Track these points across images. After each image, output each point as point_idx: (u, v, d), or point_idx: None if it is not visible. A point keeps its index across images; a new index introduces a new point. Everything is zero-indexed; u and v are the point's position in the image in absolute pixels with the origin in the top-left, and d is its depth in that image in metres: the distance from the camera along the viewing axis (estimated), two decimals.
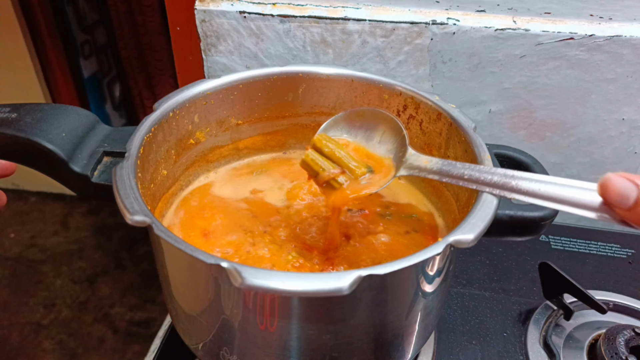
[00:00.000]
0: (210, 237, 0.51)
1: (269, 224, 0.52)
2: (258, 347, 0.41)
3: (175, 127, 0.52)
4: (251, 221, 0.52)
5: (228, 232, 0.51)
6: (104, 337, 1.53)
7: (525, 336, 0.58)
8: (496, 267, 0.68)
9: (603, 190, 0.31)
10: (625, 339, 0.53)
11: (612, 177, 0.31)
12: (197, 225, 0.52)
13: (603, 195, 0.31)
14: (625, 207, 0.30)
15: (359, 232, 0.52)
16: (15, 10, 1.64)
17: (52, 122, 0.45)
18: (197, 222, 0.53)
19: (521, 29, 0.65)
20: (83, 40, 1.88)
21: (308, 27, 0.69)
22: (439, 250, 0.36)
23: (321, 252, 0.49)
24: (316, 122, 0.62)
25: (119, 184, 0.40)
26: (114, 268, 1.76)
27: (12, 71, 1.75)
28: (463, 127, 0.49)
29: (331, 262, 0.48)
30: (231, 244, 0.49)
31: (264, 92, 0.58)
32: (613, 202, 0.31)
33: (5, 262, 1.76)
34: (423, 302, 0.42)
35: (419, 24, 0.66)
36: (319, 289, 0.32)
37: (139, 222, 0.37)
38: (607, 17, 0.65)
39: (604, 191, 0.31)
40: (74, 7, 1.82)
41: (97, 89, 2.01)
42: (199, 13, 0.70)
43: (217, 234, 0.51)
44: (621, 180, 0.31)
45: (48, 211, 1.99)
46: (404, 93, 0.55)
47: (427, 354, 0.56)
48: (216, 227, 0.51)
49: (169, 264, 0.42)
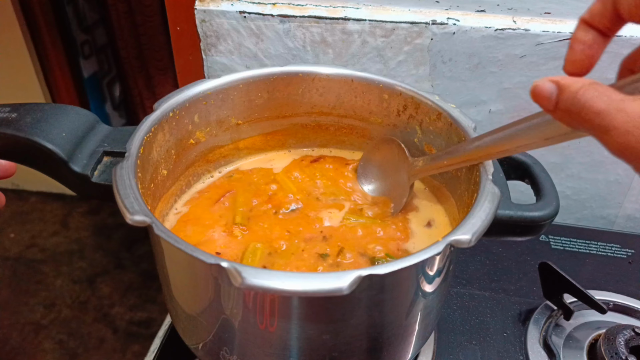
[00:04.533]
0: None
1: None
2: (258, 347, 0.41)
3: (175, 127, 0.52)
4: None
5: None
6: (104, 337, 1.53)
7: (525, 336, 0.58)
8: (496, 267, 0.68)
9: (534, 95, 0.32)
10: (625, 339, 0.53)
11: (538, 82, 0.32)
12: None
13: (535, 100, 0.32)
14: (551, 107, 0.31)
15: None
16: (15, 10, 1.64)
17: (52, 122, 0.45)
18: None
19: (521, 29, 0.65)
20: (83, 40, 1.88)
21: (308, 27, 0.69)
22: (439, 250, 0.36)
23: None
24: (316, 122, 0.62)
25: (119, 184, 0.40)
26: (114, 268, 1.76)
27: (12, 71, 1.75)
28: (463, 127, 0.49)
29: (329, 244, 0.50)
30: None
31: (264, 92, 0.58)
32: (541, 104, 0.32)
33: (5, 262, 1.76)
34: (423, 302, 0.42)
35: (419, 24, 0.66)
36: (319, 288, 0.32)
37: (139, 222, 0.37)
38: None
39: (535, 96, 0.32)
40: (74, 7, 1.82)
41: (97, 88, 2.01)
42: (199, 13, 0.70)
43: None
44: (546, 82, 0.32)
45: (48, 211, 1.99)
46: (404, 93, 0.55)
47: (427, 354, 0.56)
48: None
49: (169, 264, 0.42)
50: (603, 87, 0.29)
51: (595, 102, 0.29)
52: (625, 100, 0.27)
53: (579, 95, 0.29)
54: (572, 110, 0.30)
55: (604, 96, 0.28)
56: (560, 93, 0.31)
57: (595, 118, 0.28)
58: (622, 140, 0.27)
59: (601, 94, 0.29)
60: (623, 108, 0.27)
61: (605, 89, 0.29)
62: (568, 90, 0.30)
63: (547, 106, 0.32)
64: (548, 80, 0.32)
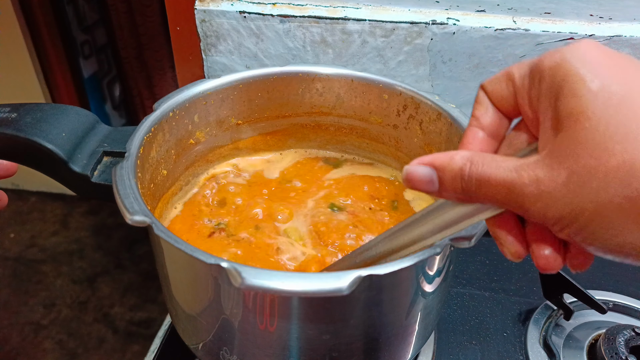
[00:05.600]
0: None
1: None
2: (258, 347, 0.41)
3: (175, 127, 0.52)
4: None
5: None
6: (104, 337, 1.53)
7: (525, 336, 0.58)
8: (496, 267, 0.68)
9: (410, 184, 0.30)
10: (625, 339, 0.53)
11: (409, 167, 0.30)
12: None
13: (413, 189, 0.30)
14: (435, 190, 0.29)
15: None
16: (15, 10, 1.64)
17: (52, 122, 0.45)
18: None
19: (521, 29, 0.65)
20: (83, 40, 1.88)
21: (308, 27, 0.69)
22: (439, 250, 0.36)
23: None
24: (316, 122, 0.62)
25: (119, 184, 0.40)
26: (114, 268, 1.76)
27: (12, 71, 1.75)
28: (463, 127, 0.49)
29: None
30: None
31: (263, 92, 0.58)
32: (424, 191, 0.30)
33: (5, 262, 1.76)
34: (423, 302, 0.42)
35: (419, 24, 0.66)
36: (319, 289, 0.32)
37: (138, 222, 0.37)
38: (607, 17, 0.65)
39: (412, 185, 0.30)
40: (74, 7, 1.82)
41: (97, 88, 2.01)
42: (199, 13, 0.70)
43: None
44: (419, 168, 0.29)
45: (48, 211, 1.99)
46: (404, 93, 0.55)
47: (427, 354, 0.56)
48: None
49: (169, 264, 0.42)
50: (487, 156, 0.27)
51: (491, 174, 0.26)
52: (522, 163, 0.26)
53: (469, 172, 0.27)
54: (467, 188, 0.28)
55: (495, 165, 0.26)
56: (442, 174, 0.29)
57: (499, 191, 0.26)
58: (540, 206, 0.25)
59: (490, 163, 0.27)
60: (524, 173, 0.25)
61: (491, 158, 0.27)
62: (449, 169, 0.28)
63: (432, 190, 0.29)
64: (419, 164, 0.29)
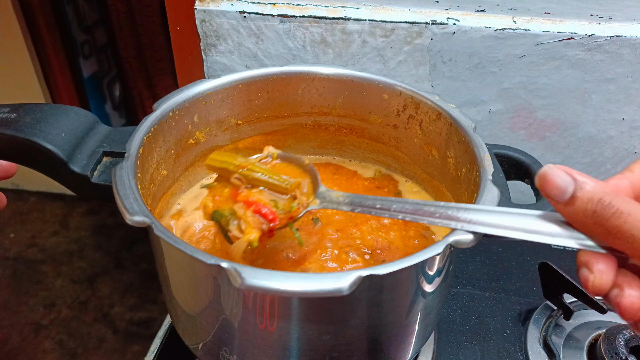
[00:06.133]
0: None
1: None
2: (258, 347, 0.41)
3: (175, 127, 0.52)
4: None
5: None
6: (104, 337, 1.53)
7: (525, 336, 0.58)
8: (496, 267, 0.68)
9: (542, 181, 0.29)
10: (625, 339, 0.53)
11: (551, 168, 0.29)
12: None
13: (541, 187, 0.30)
14: (562, 200, 0.29)
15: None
16: (15, 10, 1.64)
17: (52, 122, 0.45)
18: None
19: (521, 29, 0.65)
20: (83, 40, 1.88)
21: (308, 27, 0.69)
22: (439, 250, 0.36)
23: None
24: (316, 122, 0.62)
25: (119, 184, 0.40)
26: (114, 268, 1.76)
27: (12, 71, 1.75)
28: (463, 127, 0.49)
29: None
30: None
31: (263, 92, 0.58)
32: (550, 194, 0.29)
33: (5, 262, 1.76)
34: (423, 302, 0.42)
35: (418, 24, 0.66)
36: (319, 289, 0.32)
37: (138, 223, 0.37)
38: (607, 17, 0.65)
39: (543, 183, 0.29)
40: (74, 7, 1.82)
41: (97, 89, 2.01)
42: (199, 13, 0.70)
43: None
44: (559, 172, 0.29)
45: (48, 211, 1.99)
46: (404, 93, 0.55)
47: (427, 354, 0.56)
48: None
49: (169, 264, 0.42)
50: (630, 203, 0.26)
51: (625, 223, 0.26)
52: None
53: (611, 202, 0.26)
54: (601, 213, 0.27)
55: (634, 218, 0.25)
56: (579, 191, 0.28)
57: (627, 240, 0.26)
58: None
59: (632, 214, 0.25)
60: None
61: (634, 207, 0.26)
62: (590, 188, 0.27)
63: (559, 198, 0.29)
64: (561, 171, 0.29)
